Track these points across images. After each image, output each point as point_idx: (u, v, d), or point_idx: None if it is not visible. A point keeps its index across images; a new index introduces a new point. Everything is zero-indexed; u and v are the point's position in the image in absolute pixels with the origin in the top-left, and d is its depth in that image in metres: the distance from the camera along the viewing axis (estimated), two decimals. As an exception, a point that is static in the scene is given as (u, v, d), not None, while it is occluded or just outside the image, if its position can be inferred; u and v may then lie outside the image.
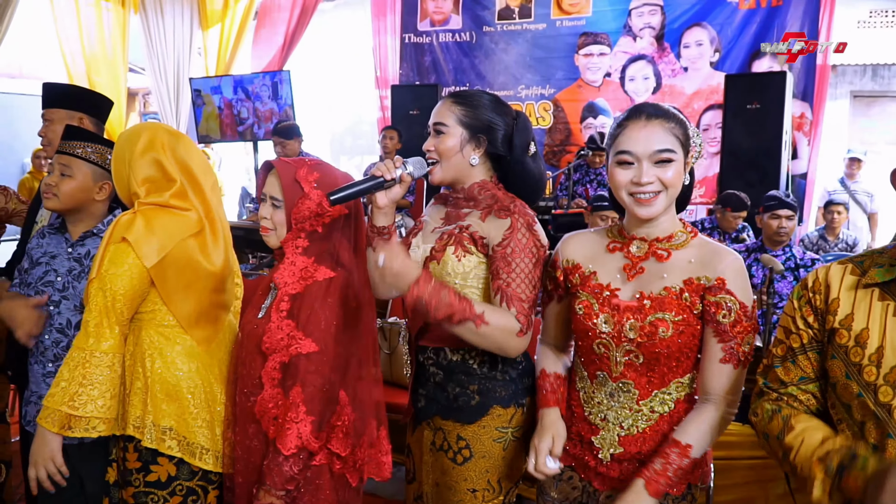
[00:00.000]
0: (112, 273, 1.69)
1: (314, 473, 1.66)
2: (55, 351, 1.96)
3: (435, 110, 1.71)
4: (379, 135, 6.45)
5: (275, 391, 1.63)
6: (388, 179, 1.59)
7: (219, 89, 7.09)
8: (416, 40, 8.04)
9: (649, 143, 1.44)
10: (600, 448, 1.57)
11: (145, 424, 1.74)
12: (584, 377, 1.61)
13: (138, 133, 1.83)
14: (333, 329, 1.64)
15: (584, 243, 1.63)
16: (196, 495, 1.79)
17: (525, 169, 1.71)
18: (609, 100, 7.23)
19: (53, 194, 1.95)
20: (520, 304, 1.56)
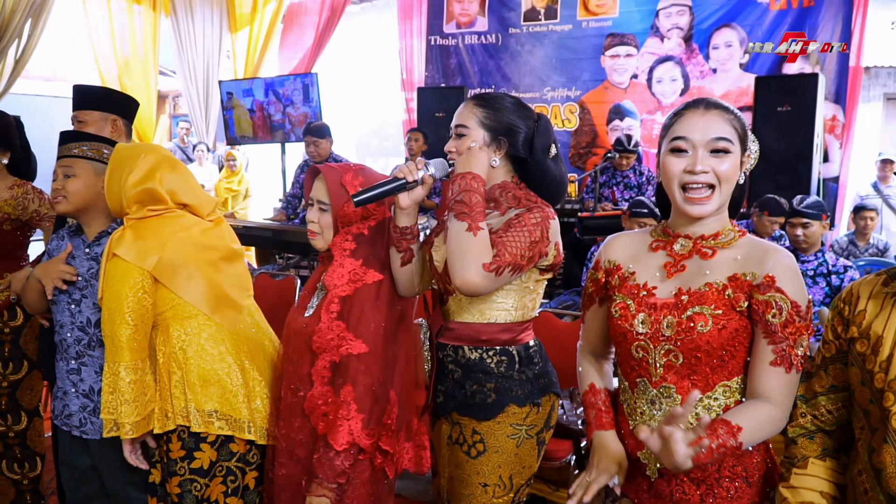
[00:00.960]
0: (115, 288, 1.77)
1: (357, 467, 1.72)
2: (77, 349, 2.02)
3: (457, 112, 1.73)
4: (404, 137, 6.47)
5: (324, 389, 1.69)
6: (410, 181, 1.61)
7: (250, 92, 7.17)
8: (442, 42, 8.07)
9: (707, 130, 1.38)
10: (647, 464, 1.48)
11: (190, 412, 1.83)
12: (625, 388, 1.54)
13: (135, 158, 1.89)
14: (382, 330, 1.71)
15: (626, 244, 1.57)
16: (234, 475, 1.87)
17: (546, 171, 1.72)
18: (636, 102, 7.18)
19: (63, 196, 2.00)
20: (503, 250, 1.56)
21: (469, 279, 1.53)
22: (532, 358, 1.73)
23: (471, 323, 1.71)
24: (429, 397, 1.78)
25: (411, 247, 1.70)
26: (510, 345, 1.71)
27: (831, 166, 6.37)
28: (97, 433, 2.02)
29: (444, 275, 1.71)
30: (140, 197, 1.87)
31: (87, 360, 2.01)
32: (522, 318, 1.72)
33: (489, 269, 1.53)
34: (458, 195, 1.57)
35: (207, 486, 1.84)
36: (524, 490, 1.76)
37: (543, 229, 1.62)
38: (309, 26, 8.38)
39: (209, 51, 8.02)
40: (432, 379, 1.78)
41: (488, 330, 1.70)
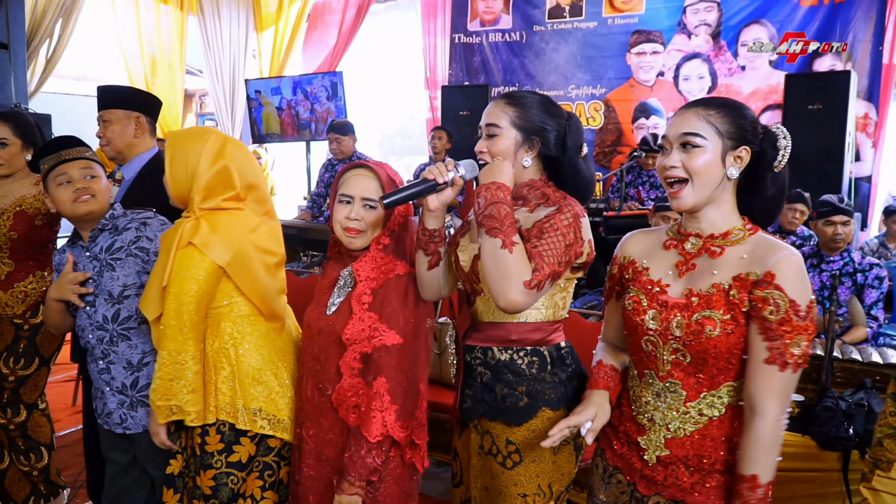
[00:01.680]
0: (182, 277, 1.77)
1: (389, 464, 1.72)
2: (101, 348, 2.04)
3: (487, 111, 1.70)
4: (428, 135, 6.47)
5: (354, 381, 1.69)
6: (440, 183, 1.59)
7: (278, 90, 7.20)
8: (466, 40, 8.04)
9: (679, 126, 1.43)
10: (646, 449, 1.53)
11: (237, 408, 1.84)
12: (633, 375, 1.59)
13: (203, 140, 1.86)
14: (411, 325, 1.71)
15: (642, 240, 1.60)
16: (271, 469, 1.89)
17: (578, 170, 1.70)
18: (662, 100, 7.10)
19: (91, 195, 2.03)
20: (540, 262, 1.52)
21: (512, 299, 1.50)
22: (564, 359, 1.70)
23: (500, 323, 1.68)
24: (456, 402, 1.76)
25: (439, 249, 1.68)
26: (541, 345, 1.68)
27: (863, 165, 6.25)
28: (139, 427, 2.05)
29: (470, 275, 1.70)
30: (214, 181, 1.85)
31: (113, 358, 2.04)
32: (553, 318, 1.69)
33: (531, 287, 1.50)
34: (487, 209, 1.53)
35: (244, 481, 1.84)
36: (564, 496, 1.73)
37: (576, 229, 1.59)
38: (333, 25, 8.40)
39: (235, 50, 8.08)
40: (459, 383, 1.76)
41: (519, 329, 1.67)
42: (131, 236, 2.05)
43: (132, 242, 2.04)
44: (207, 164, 1.84)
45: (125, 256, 2.01)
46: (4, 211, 2.57)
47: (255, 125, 7.42)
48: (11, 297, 2.60)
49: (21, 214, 2.58)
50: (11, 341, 2.61)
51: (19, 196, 2.60)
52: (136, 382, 2.04)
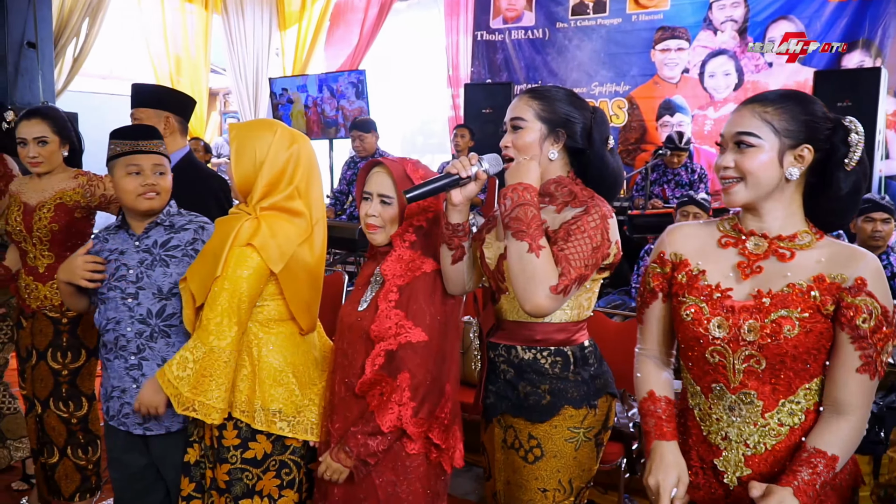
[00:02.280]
0: (238, 275, 1.76)
1: (412, 462, 1.71)
2: (138, 342, 2.02)
3: (511, 106, 1.69)
4: (450, 133, 6.46)
5: (376, 375, 1.69)
6: (463, 177, 1.58)
7: (304, 87, 7.23)
8: (489, 38, 8.02)
9: (734, 125, 1.38)
10: (724, 472, 1.42)
11: (254, 408, 1.83)
12: (696, 392, 1.48)
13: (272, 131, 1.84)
14: (437, 323, 1.70)
15: (691, 236, 1.50)
16: (289, 468, 1.88)
17: (605, 163, 1.68)
18: (687, 97, 7.02)
19: (157, 193, 2.02)
20: (567, 266, 1.49)
21: (538, 304, 1.47)
22: (587, 359, 1.69)
23: (525, 322, 1.66)
24: (479, 398, 1.75)
25: (463, 244, 1.66)
26: (565, 345, 1.66)
27: (893, 164, 6.13)
28: (161, 428, 2.04)
29: (496, 272, 1.69)
30: (279, 176, 1.83)
31: (147, 354, 2.02)
32: (577, 318, 1.67)
33: (557, 292, 1.47)
34: (513, 211, 1.50)
35: (259, 478, 1.84)
36: (585, 493, 1.72)
37: (603, 231, 1.56)
38: (355, 24, 8.42)
39: (259, 48, 8.13)
40: (482, 379, 1.75)
41: (543, 329, 1.65)
42: (189, 237, 2.05)
43: (189, 243, 2.04)
44: (275, 157, 1.82)
45: (181, 256, 2.01)
46: (45, 203, 2.60)
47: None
48: (51, 289, 2.64)
49: (61, 207, 2.61)
50: (53, 336, 2.64)
51: (59, 189, 2.63)
52: None
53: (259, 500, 1.84)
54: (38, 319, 2.65)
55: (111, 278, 2.05)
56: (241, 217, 1.83)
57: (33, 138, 2.53)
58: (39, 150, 2.55)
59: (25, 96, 5.55)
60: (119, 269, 2.05)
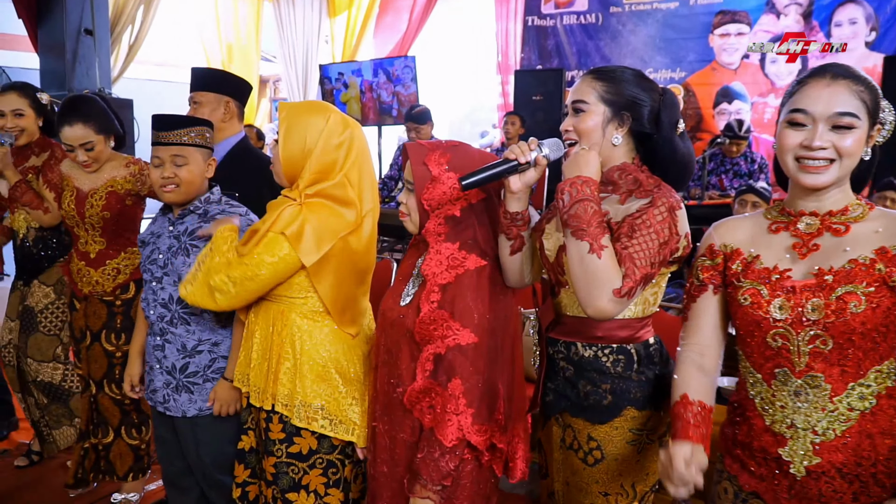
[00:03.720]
0: (261, 259, 1.73)
1: (466, 467, 1.62)
2: (160, 325, 2.05)
3: (574, 88, 1.60)
4: (500, 121, 6.37)
5: (427, 383, 1.59)
6: (522, 163, 1.49)
7: (360, 72, 7.20)
8: (540, 23, 7.87)
9: (830, 103, 1.28)
10: (790, 461, 1.34)
11: (294, 403, 1.78)
12: (757, 381, 1.40)
13: (325, 116, 1.77)
14: (486, 322, 1.59)
15: (739, 227, 1.45)
16: (335, 468, 1.84)
17: (675, 148, 1.57)
18: (746, 84, 6.78)
19: (175, 185, 1.99)
20: (632, 267, 1.39)
21: (601, 308, 1.39)
22: (652, 357, 1.59)
23: (585, 318, 1.56)
24: (537, 395, 1.67)
25: (522, 234, 1.58)
26: (628, 342, 1.57)
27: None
28: (178, 411, 2.05)
29: (555, 265, 1.60)
30: (330, 163, 1.77)
31: (169, 338, 2.05)
32: (643, 314, 1.58)
33: (621, 295, 1.38)
34: (572, 207, 1.41)
35: (306, 473, 1.81)
36: (649, 497, 1.63)
37: (671, 225, 1.46)
38: (404, 10, 8.37)
39: (308, 36, 8.15)
40: (541, 376, 1.67)
41: (605, 326, 1.56)
42: None
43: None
44: (327, 144, 1.76)
45: (202, 246, 1.98)
46: (97, 191, 2.63)
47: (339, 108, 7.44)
48: (103, 274, 2.67)
49: (113, 194, 2.63)
50: (107, 318, 2.68)
51: (111, 177, 2.65)
52: (186, 367, 2.04)
53: (305, 494, 1.81)
54: (92, 302, 2.69)
55: (146, 260, 2.08)
56: (286, 202, 1.78)
57: (80, 144, 2.54)
58: (88, 154, 2.56)
59: (83, 83, 5.65)
60: (153, 252, 2.07)
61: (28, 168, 2.92)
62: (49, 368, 3.00)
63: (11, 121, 2.86)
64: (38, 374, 3.00)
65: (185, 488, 2.22)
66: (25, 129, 2.89)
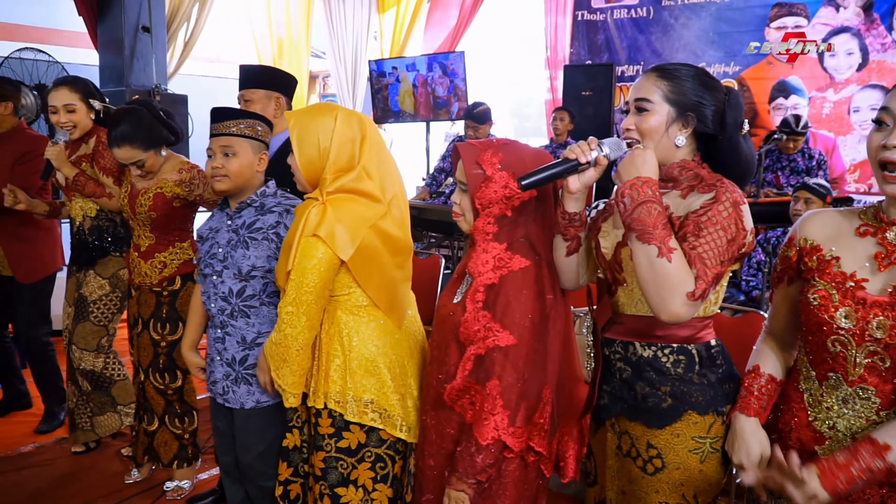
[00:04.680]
0: (303, 267, 1.74)
1: (505, 464, 1.63)
2: (221, 318, 2.09)
3: (636, 85, 1.56)
4: (548, 117, 6.31)
5: (465, 382, 1.61)
6: (582, 162, 1.47)
7: (413, 66, 7.22)
8: (590, 18, 7.76)
9: None
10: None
11: (346, 399, 1.81)
12: (810, 377, 1.40)
13: (332, 116, 1.79)
14: (529, 322, 1.58)
15: (827, 222, 1.41)
16: (383, 462, 1.85)
17: (738, 150, 1.53)
18: (804, 78, 6.57)
19: (224, 175, 2.03)
20: (703, 268, 1.36)
21: (675, 312, 1.36)
22: (714, 359, 1.55)
23: (644, 317, 1.54)
24: (592, 398, 1.64)
25: (579, 234, 1.57)
26: (689, 343, 1.53)
27: None
28: (237, 402, 2.08)
29: (613, 263, 1.58)
30: (349, 159, 1.78)
31: (230, 330, 2.08)
32: (704, 314, 1.54)
33: (695, 298, 1.35)
34: (634, 210, 1.38)
35: (354, 468, 1.82)
36: None
37: (737, 220, 1.42)
38: (454, 5, 8.34)
39: (358, 32, 8.20)
40: (597, 378, 1.64)
41: (665, 325, 1.51)
42: (272, 220, 2.05)
43: (272, 227, 2.04)
44: (341, 140, 1.78)
45: (261, 239, 2.02)
46: (147, 190, 2.69)
47: (387, 103, 7.45)
48: (151, 266, 2.73)
49: (160, 196, 2.68)
50: (155, 307, 2.75)
51: (162, 179, 2.71)
52: (246, 359, 2.07)
53: (354, 489, 1.82)
54: (143, 291, 2.77)
55: (206, 255, 2.11)
56: (310, 205, 1.79)
57: (132, 164, 2.61)
58: (142, 170, 2.64)
59: (140, 79, 5.80)
60: (213, 246, 2.10)
61: (81, 157, 3.00)
62: (91, 357, 3.07)
63: (65, 116, 2.92)
64: (81, 362, 3.07)
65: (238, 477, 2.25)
66: (78, 124, 2.96)
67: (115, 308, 3.10)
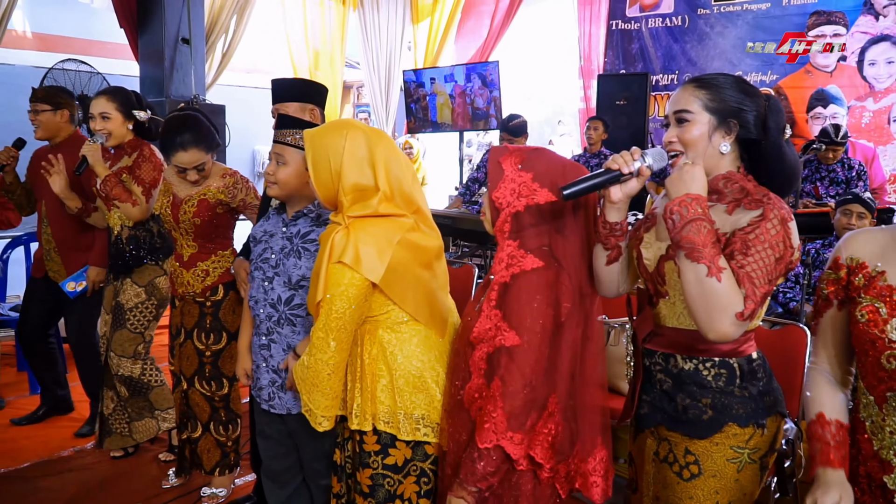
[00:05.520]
0: (333, 294, 1.72)
1: (517, 478, 1.61)
2: (268, 325, 2.10)
3: (673, 98, 1.56)
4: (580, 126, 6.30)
5: (481, 381, 1.61)
6: (625, 172, 1.47)
7: (452, 77, 7.25)
8: (624, 27, 7.73)
9: None
10: (895, 491, 1.32)
11: (397, 419, 1.78)
12: (868, 403, 1.37)
13: (343, 135, 1.77)
14: (539, 328, 1.56)
15: (871, 240, 1.39)
16: (427, 477, 1.83)
17: (783, 154, 1.52)
18: (843, 87, 6.46)
19: (273, 182, 2.06)
20: (752, 287, 1.34)
21: (724, 332, 1.35)
22: (755, 372, 1.53)
23: (686, 329, 1.54)
24: (631, 407, 1.64)
25: (620, 244, 1.57)
26: (731, 356, 1.52)
27: None
28: (283, 408, 2.10)
29: (655, 275, 1.57)
30: (356, 180, 1.75)
31: (276, 337, 2.09)
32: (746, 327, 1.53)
33: (744, 318, 1.34)
34: (683, 228, 1.36)
35: (401, 483, 1.81)
36: None
37: (785, 238, 1.41)
38: (486, 15, 8.38)
39: (392, 42, 8.27)
40: (637, 388, 1.63)
41: (707, 339, 1.51)
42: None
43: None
44: (351, 162, 1.75)
45: (314, 250, 2.02)
46: (191, 198, 2.74)
47: (426, 113, 7.48)
48: (193, 275, 2.77)
49: (204, 203, 2.73)
50: (198, 317, 2.78)
51: (205, 185, 2.76)
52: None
53: (400, 503, 1.81)
54: (186, 301, 2.80)
55: (257, 258, 2.12)
56: (334, 230, 1.77)
57: (194, 168, 2.67)
58: (200, 174, 2.70)
59: (179, 89, 5.92)
60: (266, 251, 2.11)
61: (122, 168, 3.07)
62: (129, 363, 3.12)
63: (100, 123, 3.03)
64: (119, 368, 3.12)
65: (284, 482, 2.27)
66: (112, 131, 3.05)
67: (150, 315, 3.15)
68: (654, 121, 7.31)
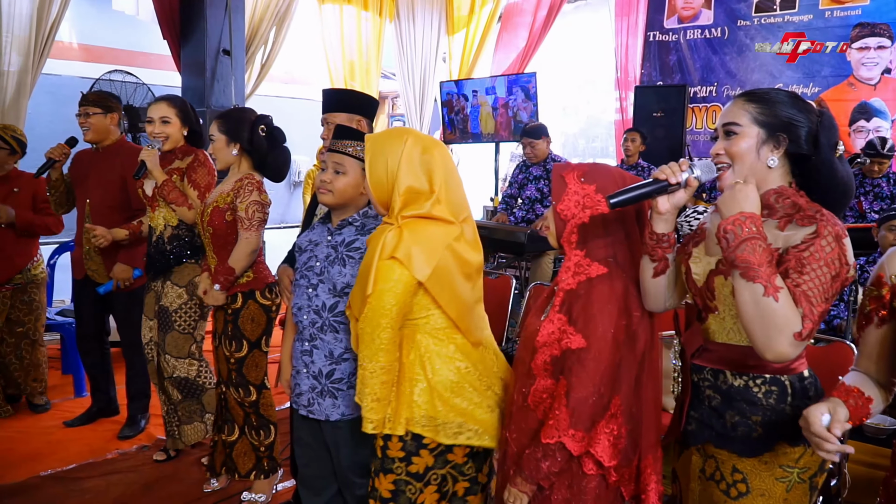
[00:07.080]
0: (381, 289, 1.74)
1: (588, 483, 1.63)
2: (311, 331, 2.11)
3: (724, 111, 1.56)
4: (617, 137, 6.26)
5: (547, 382, 1.65)
6: (672, 183, 1.47)
7: (493, 90, 7.29)
8: (662, 38, 7.68)
9: None
10: None
11: (437, 422, 1.80)
12: None
13: (402, 141, 1.83)
14: (611, 336, 1.59)
15: None
16: (446, 482, 1.84)
17: (834, 170, 1.49)
18: (887, 100, 6.33)
19: (328, 190, 2.08)
20: (809, 306, 1.33)
21: (781, 352, 1.33)
22: (807, 391, 1.51)
23: (736, 346, 1.52)
24: (679, 423, 1.62)
25: (667, 256, 1.55)
26: (782, 374, 1.50)
27: None
28: (322, 414, 2.11)
29: (704, 289, 1.55)
30: (411, 182, 1.80)
31: (318, 344, 2.10)
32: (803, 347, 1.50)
33: (802, 339, 1.32)
34: (738, 247, 1.34)
35: (421, 492, 1.82)
36: None
37: (840, 255, 1.38)
38: (523, 27, 8.39)
39: (427, 53, 8.33)
40: (684, 403, 1.62)
41: (757, 355, 1.47)
42: None
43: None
44: (408, 165, 1.80)
45: (358, 258, 2.04)
46: (209, 206, 2.79)
47: (466, 124, 7.52)
48: None
49: (216, 210, 2.77)
50: (223, 324, 2.83)
51: (221, 192, 2.81)
52: (332, 373, 2.10)
53: None
54: (217, 309, 2.85)
55: (302, 266, 2.15)
56: (386, 230, 1.81)
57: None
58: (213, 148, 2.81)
59: (220, 100, 6.03)
60: (311, 259, 2.13)
61: (172, 170, 3.13)
62: (185, 364, 3.16)
63: (159, 127, 3.11)
64: (174, 371, 3.15)
65: (320, 489, 2.28)
66: (170, 136, 3.13)
67: (196, 315, 3.18)
68: (691, 133, 7.24)
